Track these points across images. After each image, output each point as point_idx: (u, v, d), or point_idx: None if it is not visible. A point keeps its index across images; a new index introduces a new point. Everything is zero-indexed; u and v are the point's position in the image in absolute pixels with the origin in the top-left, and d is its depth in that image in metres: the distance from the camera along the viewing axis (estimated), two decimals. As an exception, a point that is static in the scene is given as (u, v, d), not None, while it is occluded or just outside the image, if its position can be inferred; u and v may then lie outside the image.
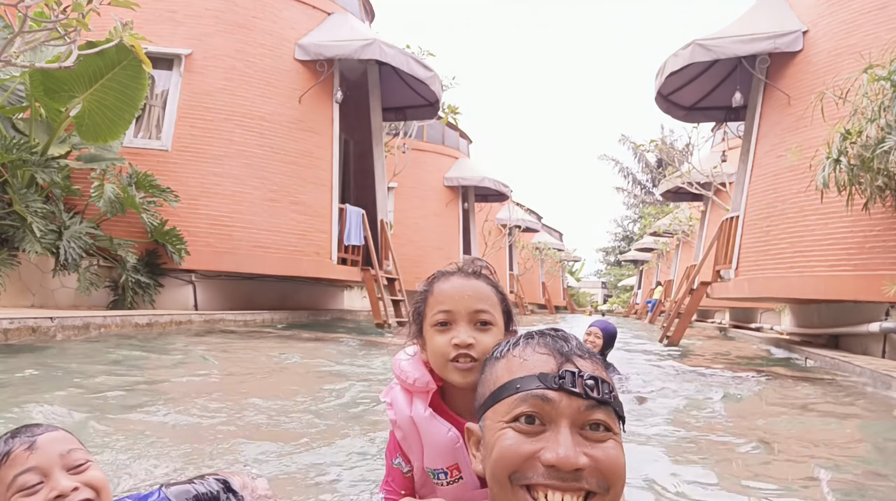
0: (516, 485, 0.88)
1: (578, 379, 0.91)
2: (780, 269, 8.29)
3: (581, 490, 0.86)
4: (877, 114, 5.95)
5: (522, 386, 0.91)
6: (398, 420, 1.45)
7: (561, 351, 0.95)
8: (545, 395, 0.89)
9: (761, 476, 2.66)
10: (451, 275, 1.45)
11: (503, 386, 0.94)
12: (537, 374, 0.92)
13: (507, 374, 0.95)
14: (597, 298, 58.27)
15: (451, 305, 1.37)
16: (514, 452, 0.87)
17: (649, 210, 34.77)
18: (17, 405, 3.15)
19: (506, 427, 0.90)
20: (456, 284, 1.41)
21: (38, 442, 1.17)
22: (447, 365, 1.36)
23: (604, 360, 1.02)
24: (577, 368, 0.93)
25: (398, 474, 1.49)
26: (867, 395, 5.14)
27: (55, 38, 6.17)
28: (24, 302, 7.84)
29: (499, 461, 0.89)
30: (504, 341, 1.05)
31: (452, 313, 1.37)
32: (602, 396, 0.91)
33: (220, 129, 10.19)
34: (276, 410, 3.50)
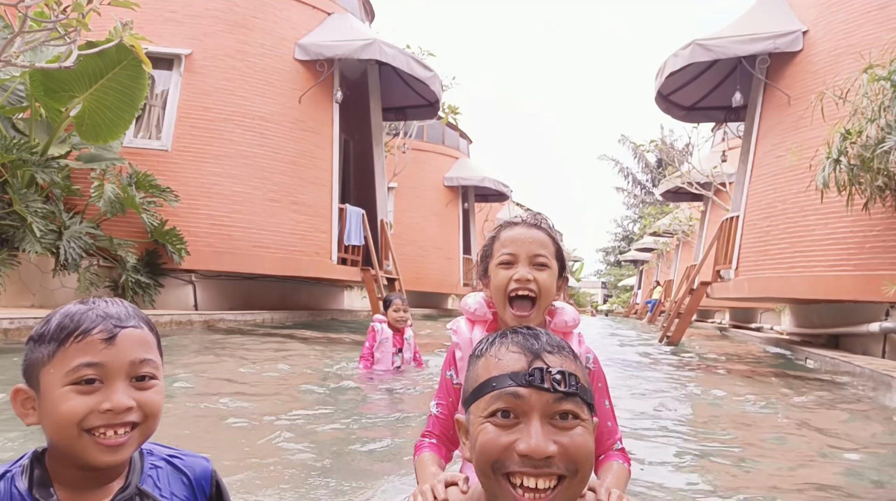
0: (498, 474, 1.00)
1: (546, 375, 1.01)
2: (780, 269, 8.29)
3: (553, 475, 0.98)
4: (877, 114, 5.95)
5: (497, 385, 1.02)
6: (460, 342, 1.71)
7: (531, 349, 1.04)
8: (517, 392, 1.00)
9: (761, 476, 2.66)
10: (517, 225, 1.68)
11: (482, 384, 1.05)
12: (509, 373, 1.02)
13: (485, 373, 1.06)
14: (597, 298, 58.24)
15: (514, 248, 1.63)
16: (493, 444, 0.99)
17: (649, 210, 34.75)
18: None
19: (485, 421, 1.02)
20: (519, 232, 1.66)
21: (119, 338, 1.02)
22: (506, 303, 1.62)
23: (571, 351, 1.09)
24: (545, 364, 1.02)
25: (449, 385, 1.71)
26: (867, 395, 5.14)
27: (55, 38, 6.17)
28: (24, 302, 7.84)
29: (481, 454, 1.01)
30: (484, 339, 1.14)
31: (515, 255, 1.62)
32: (568, 389, 1.00)
33: (220, 129, 10.19)
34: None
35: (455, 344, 1.73)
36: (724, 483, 2.51)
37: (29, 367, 1.03)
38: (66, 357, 1.00)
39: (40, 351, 1.02)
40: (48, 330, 1.02)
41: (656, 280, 29.01)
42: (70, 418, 0.98)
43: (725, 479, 2.57)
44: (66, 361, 1.00)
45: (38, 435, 1.17)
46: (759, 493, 2.41)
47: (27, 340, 1.04)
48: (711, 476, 2.59)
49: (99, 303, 1.05)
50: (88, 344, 1.00)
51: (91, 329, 1.01)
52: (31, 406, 1.03)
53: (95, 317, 1.02)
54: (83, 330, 1.01)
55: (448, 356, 1.74)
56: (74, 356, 1.00)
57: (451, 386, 1.71)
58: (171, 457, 1.13)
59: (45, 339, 1.01)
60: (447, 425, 1.70)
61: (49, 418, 1.00)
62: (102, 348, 1.01)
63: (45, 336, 1.02)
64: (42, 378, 1.01)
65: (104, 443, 1.00)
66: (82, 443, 0.99)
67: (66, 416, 0.98)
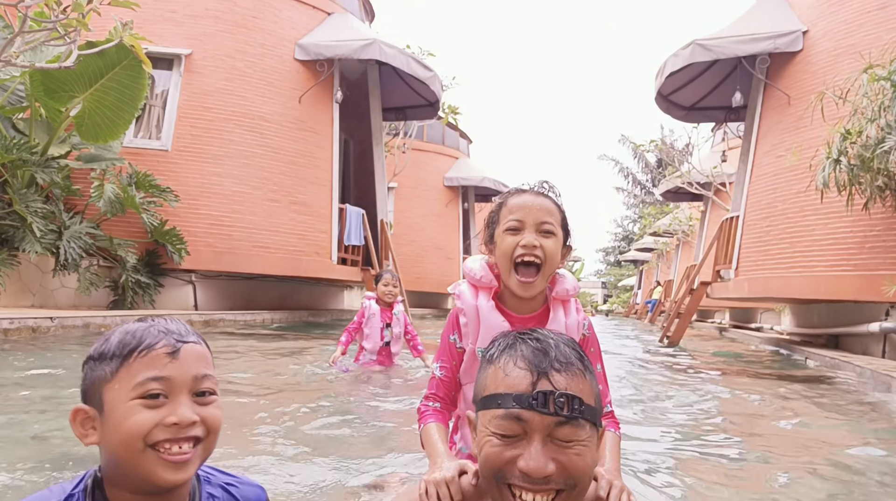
0: (500, 483, 1.05)
1: (550, 398, 1.02)
2: (780, 269, 8.29)
3: (550, 491, 1.03)
4: (877, 114, 5.94)
5: (502, 404, 1.05)
6: (464, 308, 1.73)
7: (539, 367, 1.06)
8: (519, 415, 1.03)
9: (760, 477, 2.66)
10: (524, 192, 1.69)
11: (489, 397, 1.08)
12: (513, 394, 1.04)
13: (493, 385, 1.09)
14: (597, 298, 58.23)
15: (522, 215, 1.64)
16: (496, 457, 1.04)
17: (649, 210, 34.74)
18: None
19: (490, 435, 1.06)
20: (527, 199, 1.67)
21: (183, 352, 1.02)
22: (511, 268, 1.64)
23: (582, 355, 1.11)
24: (551, 385, 1.04)
25: (452, 348, 1.75)
26: (867, 395, 5.14)
27: (55, 38, 6.17)
28: (24, 302, 7.84)
29: (485, 464, 1.06)
30: (496, 342, 1.16)
31: (522, 222, 1.64)
32: (571, 413, 1.03)
33: (220, 129, 10.19)
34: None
35: (459, 309, 1.75)
36: (723, 483, 2.51)
37: (90, 387, 1.01)
38: (131, 372, 0.99)
39: (102, 369, 1.00)
40: (108, 347, 1.01)
41: (656, 280, 29.01)
42: (137, 431, 0.97)
43: (725, 480, 2.57)
44: (130, 376, 0.99)
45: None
46: (758, 494, 2.41)
47: (85, 360, 1.03)
48: (710, 477, 2.59)
49: (158, 321, 1.06)
50: (153, 358, 1.00)
51: (155, 344, 1.01)
52: (92, 425, 1.01)
53: (157, 333, 1.02)
54: (147, 345, 1.00)
55: (451, 319, 1.77)
56: (139, 371, 0.99)
57: (454, 350, 1.75)
58: (227, 485, 1.12)
59: (106, 357, 1.00)
60: (451, 386, 1.74)
61: (114, 434, 0.99)
62: (167, 362, 1.00)
63: (105, 354, 1.01)
64: (106, 395, 1.00)
65: (169, 459, 0.99)
66: (147, 459, 0.98)
67: (133, 430, 0.97)
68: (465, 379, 1.75)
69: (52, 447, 2.55)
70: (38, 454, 2.45)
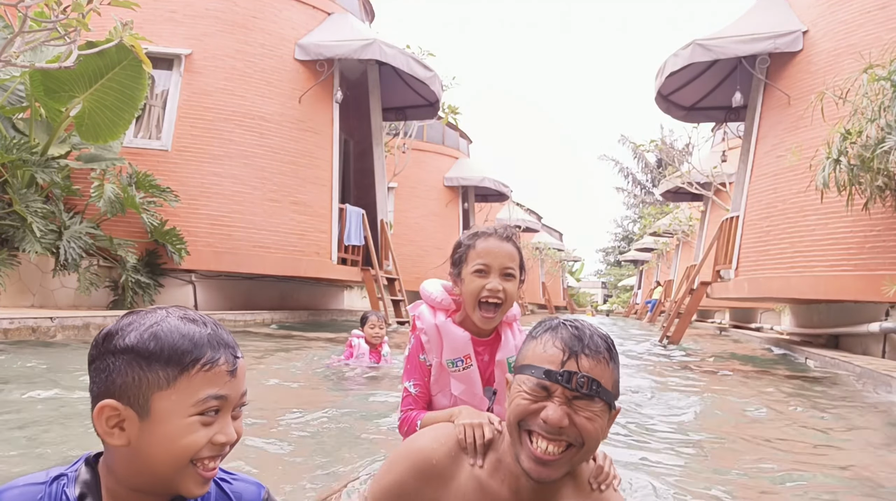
0: (522, 429, 1.27)
1: (574, 377, 1.23)
2: (780, 269, 8.29)
3: (562, 442, 1.23)
4: (877, 114, 5.94)
5: (535, 373, 1.27)
6: (425, 328, 1.93)
7: (572, 349, 1.25)
8: (547, 385, 1.25)
9: (759, 478, 2.66)
10: (490, 236, 1.89)
11: (526, 366, 1.30)
12: (545, 369, 1.25)
13: (532, 357, 1.30)
14: (597, 298, 58.25)
15: (489, 260, 1.85)
16: (524, 408, 1.26)
17: (649, 210, 34.73)
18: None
19: (521, 392, 1.28)
20: (492, 244, 1.87)
21: (239, 370, 0.99)
22: (476, 306, 1.85)
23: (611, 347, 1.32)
24: (577, 367, 1.24)
25: (422, 366, 1.93)
26: (867, 395, 5.14)
27: (55, 38, 6.17)
28: (24, 302, 7.84)
29: (513, 411, 1.28)
30: (543, 323, 1.36)
31: (489, 266, 1.85)
32: (589, 392, 1.23)
33: (220, 129, 10.19)
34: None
35: (420, 330, 1.94)
36: (722, 483, 2.51)
37: (132, 386, 0.94)
38: (192, 385, 0.94)
39: (154, 373, 0.93)
40: (160, 349, 0.94)
41: (656, 280, 29.01)
42: (193, 450, 0.94)
43: (724, 480, 2.57)
44: (192, 390, 0.94)
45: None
46: (757, 494, 2.41)
47: (115, 351, 0.95)
48: (710, 477, 2.59)
49: (206, 323, 1.01)
50: (216, 374, 0.96)
51: (218, 359, 0.97)
52: (121, 425, 0.94)
53: (216, 345, 0.98)
54: (211, 360, 0.96)
55: (416, 343, 1.95)
56: (202, 386, 0.95)
57: (424, 367, 1.93)
58: (220, 480, 1.08)
59: (159, 360, 0.94)
60: (425, 399, 1.93)
61: (161, 445, 0.94)
62: (227, 380, 0.97)
63: (157, 355, 0.94)
64: (157, 402, 0.94)
65: (205, 475, 0.97)
66: (186, 474, 0.95)
67: (191, 448, 0.94)
68: (436, 389, 1.93)
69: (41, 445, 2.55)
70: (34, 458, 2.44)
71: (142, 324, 0.97)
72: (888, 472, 2.81)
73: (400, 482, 1.37)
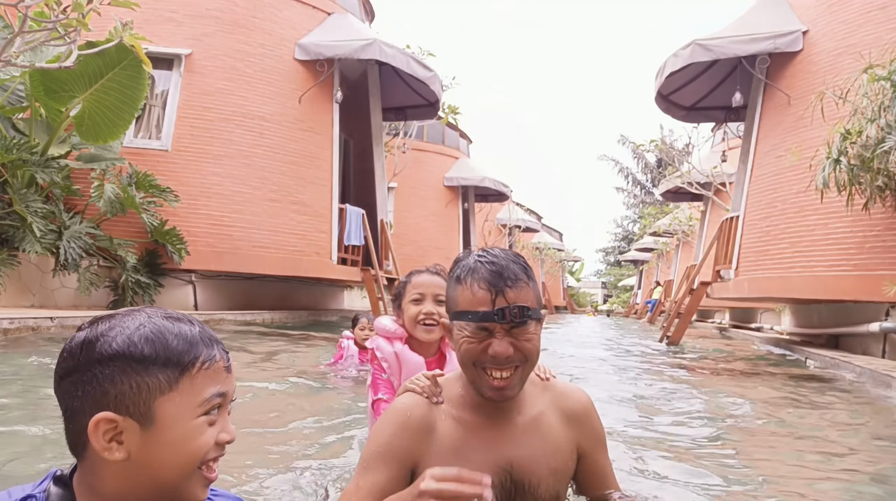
0: (477, 367, 1.44)
1: (506, 311, 1.40)
2: (780, 269, 8.29)
3: (512, 366, 1.42)
4: (877, 114, 5.94)
5: (472, 318, 1.42)
6: (385, 356, 2.30)
7: (496, 286, 1.41)
8: (485, 326, 1.42)
9: (759, 477, 2.66)
10: (422, 273, 2.34)
11: (461, 312, 1.45)
12: (480, 312, 1.42)
13: (463, 302, 1.45)
14: (597, 298, 58.23)
15: (423, 290, 2.30)
16: (474, 350, 1.43)
17: (649, 210, 34.74)
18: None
19: (465, 337, 1.44)
20: (425, 278, 2.32)
21: (231, 365, 0.96)
22: (416, 325, 2.27)
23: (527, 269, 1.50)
24: (505, 301, 1.41)
25: (388, 382, 2.27)
26: (866, 395, 5.14)
27: (55, 38, 6.17)
28: (24, 302, 7.84)
29: (465, 355, 1.45)
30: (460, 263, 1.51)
31: (424, 295, 2.29)
32: (521, 319, 1.41)
33: (220, 129, 10.19)
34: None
35: (379, 360, 2.31)
36: (721, 483, 2.51)
37: (129, 394, 0.87)
38: (195, 385, 0.90)
39: (154, 377, 0.88)
40: (156, 351, 0.88)
41: (656, 280, 29.01)
42: (203, 451, 0.91)
43: (723, 480, 2.57)
44: (195, 390, 0.90)
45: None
46: (757, 493, 2.41)
47: (108, 359, 0.87)
48: (708, 477, 2.59)
49: (192, 320, 0.96)
50: (216, 371, 0.93)
51: (214, 355, 0.93)
52: (118, 439, 0.88)
53: (209, 341, 0.94)
54: (210, 357, 0.92)
55: (377, 369, 2.31)
56: (205, 384, 0.91)
57: (389, 383, 2.29)
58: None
59: (156, 362, 0.88)
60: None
61: (170, 452, 0.89)
62: (225, 376, 0.94)
63: (154, 358, 0.88)
64: (160, 407, 0.88)
65: (209, 477, 0.93)
66: (193, 479, 0.92)
67: (202, 449, 0.91)
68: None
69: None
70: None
71: (126, 327, 0.90)
72: (888, 472, 2.81)
73: (387, 442, 1.46)
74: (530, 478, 1.47)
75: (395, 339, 2.32)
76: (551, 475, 1.50)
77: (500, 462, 1.46)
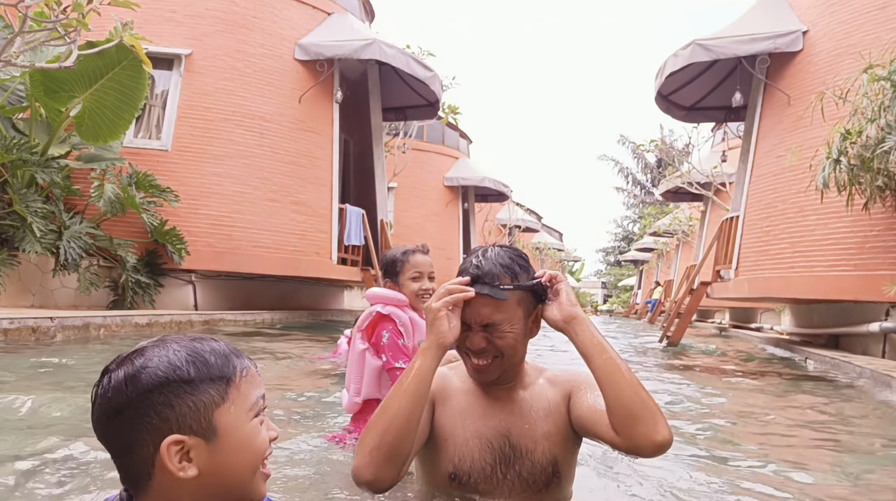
0: (461, 352, 1.63)
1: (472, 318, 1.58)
2: (780, 269, 8.29)
3: (488, 355, 1.59)
4: (877, 114, 5.94)
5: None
6: (402, 321, 2.58)
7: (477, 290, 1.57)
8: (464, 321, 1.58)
9: (758, 479, 2.66)
10: (417, 252, 2.70)
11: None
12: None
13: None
14: (597, 298, 58.21)
15: (421, 268, 2.66)
16: (459, 339, 1.59)
17: (649, 210, 34.73)
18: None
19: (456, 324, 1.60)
20: (420, 258, 2.68)
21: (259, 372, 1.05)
22: (417, 298, 2.61)
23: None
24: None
25: (405, 349, 2.53)
26: (867, 395, 5.14)
27: (55, 38, 6.17)
28: (24, 302, 7.84)
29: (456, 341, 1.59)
30: (465, 258, 1.66)
31: (421, 273, 2.66)
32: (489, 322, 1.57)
33: (220, 129, 10.19)
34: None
35: (400, 323, 2.55)
36: (720, 484, 2.51)
37: (190, 414, 0.93)
38: (241, 392, 0.98)
39: (207, 394, 0.94)
40: (200, 370, 0.95)
41: (656, 280, 29.00)
42: (263, 449, 1.00)
43: (723, 480, 2.57)
44: (243, 397, 0.98)
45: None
46: (756, 493, 2.41)
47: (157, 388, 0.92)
48: (708, 477, 2.59)
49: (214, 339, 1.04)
50: (253, 376, 1.02)
51: (247, 364, 1.02)
52: (188, 457, 0.93)
53: (237, 353, 1.02)
54: (244, 366, 1.01)
55: (394, 333, 2.54)
56: (249, 390, 1.00)
57: (407, 349, 2.54)
58: None
59: (205, 379, 0.95)
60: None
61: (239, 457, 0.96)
62: (259, 380, 1.03)
63: (203, 376, 0.95)
64: (220, 419, 0.95)
65: (266, 472, 1.02)
66: (257, 477, 1.00)
67: (262, 447, 1.00)
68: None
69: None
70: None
71: (164, 355, 0.96)
72: (888, 472, 2.81)
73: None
74: (526, 443, 1.59)
75: (405, 306, 2.63)
76: (545, 438, 1.60)
77: (500, 429, 1.61)
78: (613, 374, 1.48)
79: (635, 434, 1.43)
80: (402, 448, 1.46)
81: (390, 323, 2.55)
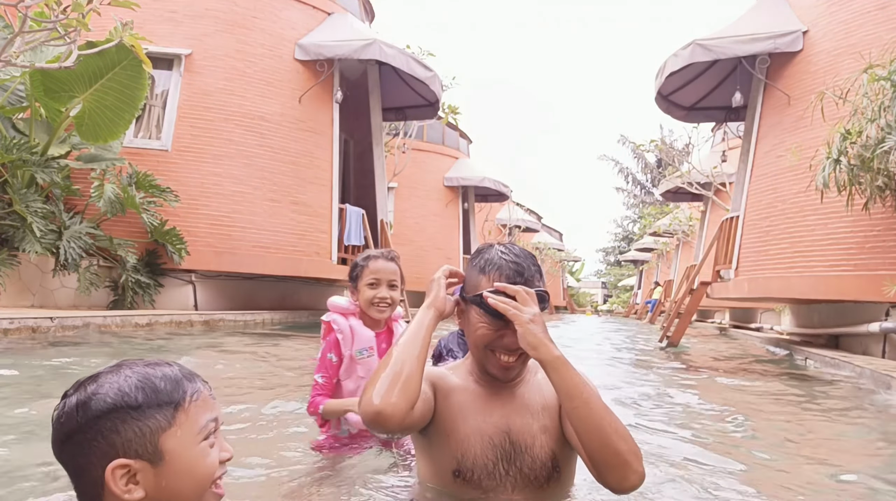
0: (487, 350, 1.62)
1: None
2: (780, 269, 8.29)
3: (516, 353, 1.60)
4: (877, 115, 5.94)
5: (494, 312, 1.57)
6: (341, 328, 2.49)
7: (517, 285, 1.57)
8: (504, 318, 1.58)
9: (758, 479, 2.66)
10: (378, 258, 2.50)
11: (479, 296, 1.59)
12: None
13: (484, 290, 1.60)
14: (597, 298, 58.25)
15: (379, 275, 2.48)
16: (488, 338, 1.61)
17: (649, 210, 34.75)
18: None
19: (483, 323, 1.61)
20: (381, 264, 2.49)
21: (214, 396, 1.07)
22: (371, 306, 2.48)
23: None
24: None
25: (330, 364, 2.48)
26: (867, 395, 5.14)
27: (55, 38, 6.17)
28: (24, 302, 7.84)
29: (480, 338, 1.62)
30: (483, 255, 1.67)
31: (379, 280, 2.48)
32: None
33: (220, 129, 10.19)
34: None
35: (336, 332, 2.49)
36: (720, 484, 2.51)
37: (135, 439, 0.96)
38: (190, 416, 1.00)
39: (153, 419, 0.97)
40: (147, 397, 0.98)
41: (656, 280, 29.01)
42: (211, 471, 1.01)
43: (723, 480, 2.57)
44: (191, 421, 1.00)
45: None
46: (756, 494, 2.41)
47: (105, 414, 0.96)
48: (708, 477, 2.59)
49: (169, 363, 1.06)
50: (205, 400, 1.04)
51: (199, 388, 1.04)
52: (134, 480, 0.96)
53: (191, 377, 1.05)
54: (195, 390, 1.03)
55: (331, 342, 2.50)
56: (199, 413, 1.02)
57: (331, 364, 2.48)
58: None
59: (152, 406, 0.97)
60: (330, 389, 2.48)
61: (185, 480, 0.99)
62: (212, 403, 1.05)
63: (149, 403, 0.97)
64: (165, 443, 0.97)
65: (219, 493, 1.04)
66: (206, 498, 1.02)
67: (209, 470, 1.01)
68: (345, 376, 2.50)
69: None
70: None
71: (114, 382, 0.99)
72: (888, 472, 2.81)
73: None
74: (525, 438, 1.62)
75: (349, 315, 2.54)
76: (542, 432, 1.64)
77: (500, 425, 1.64)
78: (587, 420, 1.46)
79: (606, 479, 1.49)
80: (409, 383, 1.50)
81: (331, 333, 2.52)
